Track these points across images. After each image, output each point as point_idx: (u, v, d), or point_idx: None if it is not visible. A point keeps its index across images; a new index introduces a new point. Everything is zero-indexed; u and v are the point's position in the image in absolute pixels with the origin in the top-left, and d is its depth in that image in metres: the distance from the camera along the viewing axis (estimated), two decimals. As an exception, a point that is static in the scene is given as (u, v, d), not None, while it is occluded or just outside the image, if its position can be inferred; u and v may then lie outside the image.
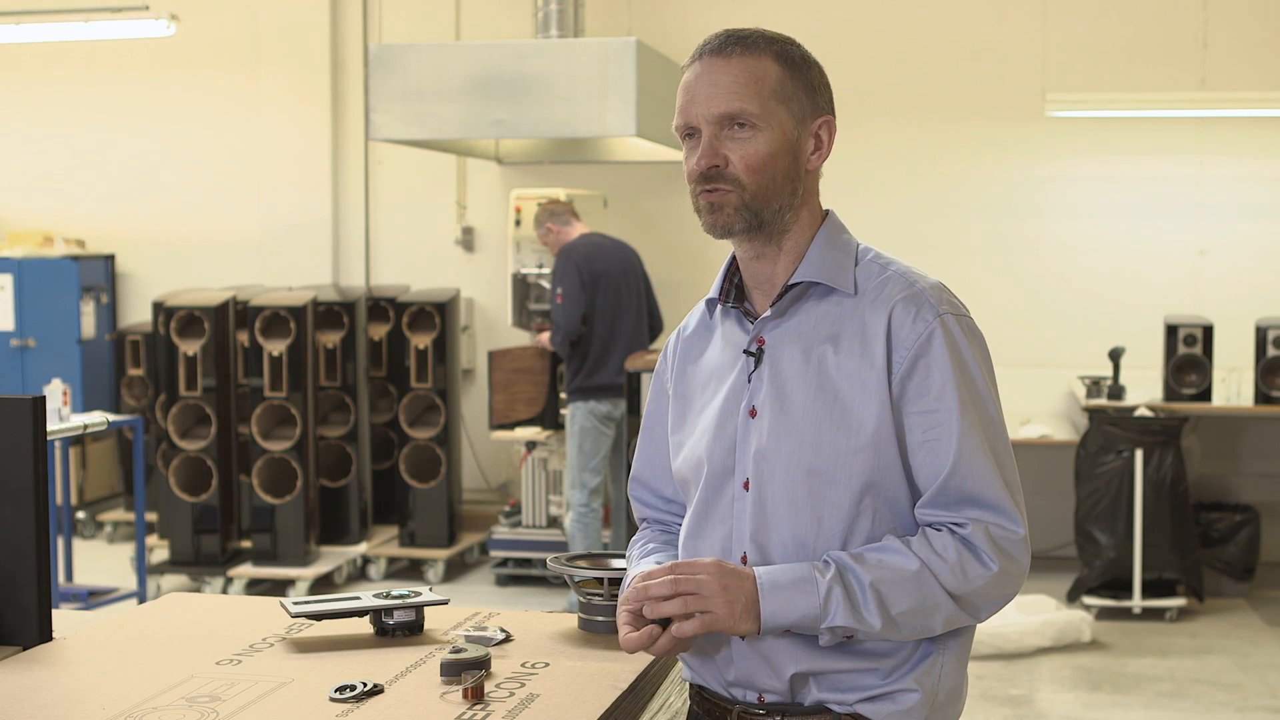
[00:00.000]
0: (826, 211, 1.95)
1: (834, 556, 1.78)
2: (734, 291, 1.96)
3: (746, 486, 1.87)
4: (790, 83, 1.86)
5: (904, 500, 1.84)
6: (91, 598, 6.26)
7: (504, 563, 7.19)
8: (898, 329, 1.83)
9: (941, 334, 1.82)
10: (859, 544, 1.82)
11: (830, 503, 1.82)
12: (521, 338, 7.67)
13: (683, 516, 2.06)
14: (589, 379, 6.49)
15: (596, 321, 6.49)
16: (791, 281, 1.88)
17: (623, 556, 2.18)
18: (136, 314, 8.69)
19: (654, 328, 6.82)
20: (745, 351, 1.90)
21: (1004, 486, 1.82)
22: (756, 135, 1.83)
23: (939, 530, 1.81)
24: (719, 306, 1.98)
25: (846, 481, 1.81)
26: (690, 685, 2.00)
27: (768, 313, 1.89)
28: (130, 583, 6.71)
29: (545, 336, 6.88)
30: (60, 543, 6.53)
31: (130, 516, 7.88)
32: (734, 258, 1.97)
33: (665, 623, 1.77)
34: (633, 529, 6.15)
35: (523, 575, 7.18)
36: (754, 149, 1.83)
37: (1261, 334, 6.70)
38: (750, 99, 1.83)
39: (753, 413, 1.87)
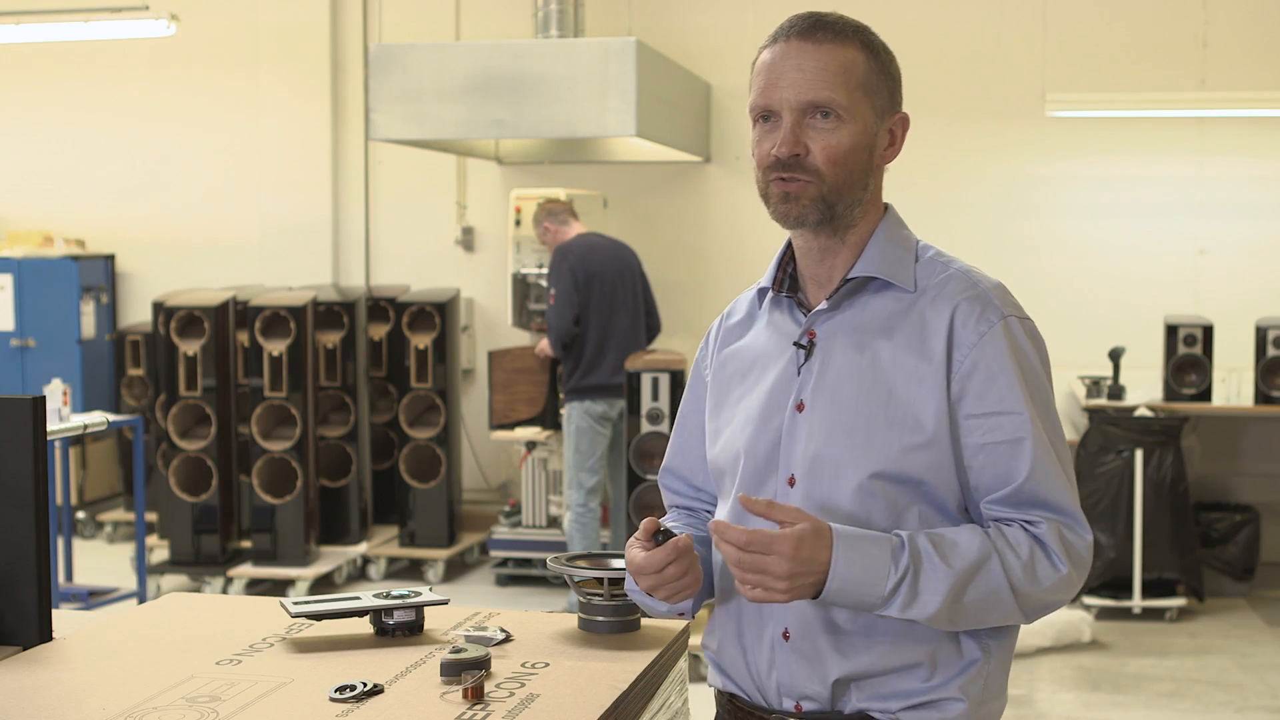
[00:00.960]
0: (886, 206, 1.92)
1: (915, 543, 1.73)
2: (787, 281, 1.91)
3: (791, 483, 1.82)
4: (875, 75, 1.83)
5: (952, 500, 1.80)
6: (91, 598, 6.26)
7: (504, 563, 7.19)
8: (960, 328, 1.79)
9: (1005, 336, 1.79)
10: None
11: (879, 500, 1.78)
12: (521, 338, 7.67)
13: (712, 505, 2.03)
14: (584, 379, 6.49)
15: (591, 322, 6.48)
16: (850, 275, 1.84)
17: (623, 556, 2.17)
18: (136, 314, 8.69)
19: (652, 328, 6.80)
20: (796, 344, 1.86)
21: (1073, 492, 1.80)
22: (840, 127, 1.79)
23: (1010, 525, 1.78)
24: (769, 295, 1.93)
25: (898, 479, 1.78)
26: (719, 693, 1.96)
27: (823, 305, 1.85)
28: (130, 583, 6.71)
29: (544, 344, 6.86)
30: (60, 543, 6.52)
31: (130, 516, 7.88)
32: (788, 247, 1.93)
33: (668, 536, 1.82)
34: (632, 528, 6.10)
35: (523, 575, 7.17)
36: (836, 140, 1.79)
37: (1261, 334, 6.70)
38: (839, 89, 1.78)
39: (800, 407, 1.83)
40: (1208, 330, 6.74)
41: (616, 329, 6.51)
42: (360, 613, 2.11)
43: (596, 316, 6.47)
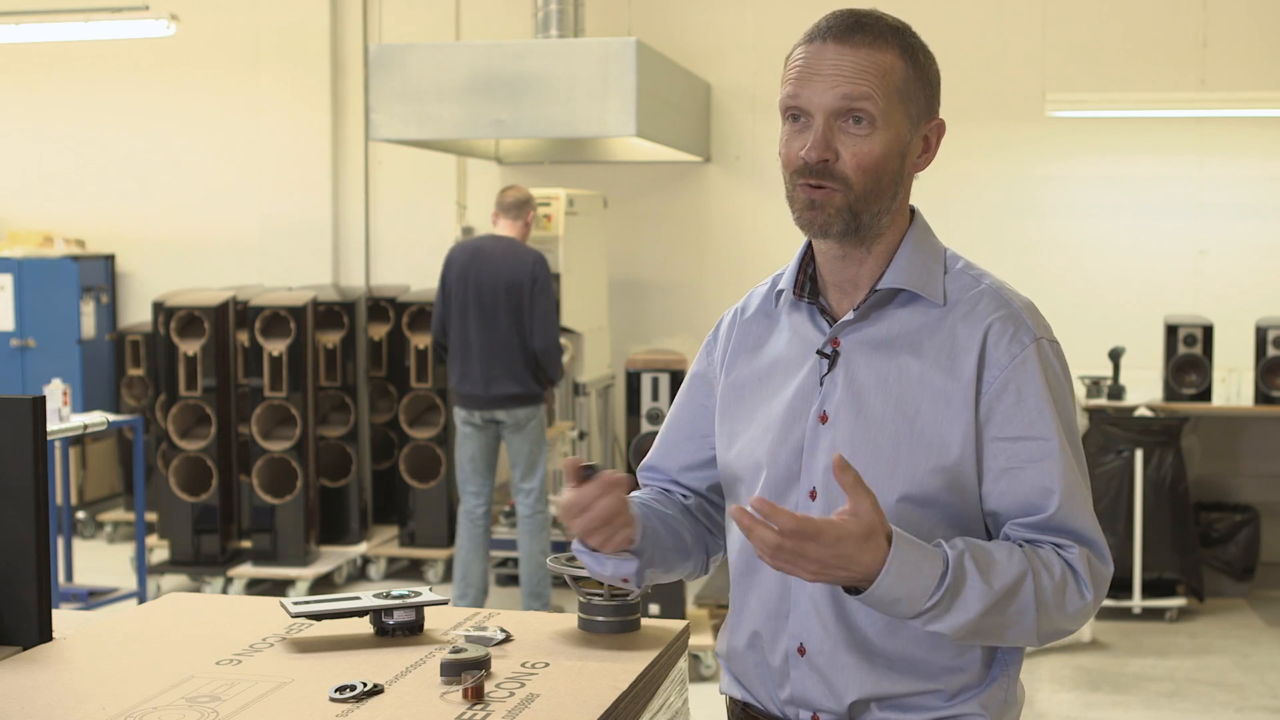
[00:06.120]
0: (913, 211, 1.86)
1: (960, 561, 1.66)
2: (808, 284, 1.86)
3: (813, 496, 1.78)
4: (913, 82, 1.79)
5: (970, 521, 1.77)
6: (91, 598, 6.25)
7: (504, 563, 7.19)
8: (992, 349, 1.75)
9: (1037, 359, 1.75)
10: None
11: (902, 520, 1.73)
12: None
13: (690, 494, 2.01)
14: (451, 382, 6.28)
15: (453, 327, 6.20)
16: (879, 287, 1.79)
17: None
18: (136, 314, 8.69)
19: (534, 344, 6.13)
20: (819, 353, 1.81)
21: (1096, 522, 1.77)
22: (873, 134, 1.74)
23: (1042, 546, 1.74)
24: (787, 296, 1.87)
25: (922, 501, 1.74)
26: (730, 700, 1.95)
27: (849, 316, 1.80)
28: (130, 583, 6.71)
29: None
30: (60, 543, 6.53)
31: (130, 516, 7.88)
32: (808, 247, 1.87)
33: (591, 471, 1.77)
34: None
35: (523, 575, 7.16)
36: (868, 148, 1.74)
37: (1261, 334, 6.70)
38: (874, 95, 1.73)
39: (823, 418, 1.79)
40: (1208, 330, 6.74)
41: (472, 338, 6.15)
42: (360, 613, 2.11)
43: (455, 323, 6.19)
